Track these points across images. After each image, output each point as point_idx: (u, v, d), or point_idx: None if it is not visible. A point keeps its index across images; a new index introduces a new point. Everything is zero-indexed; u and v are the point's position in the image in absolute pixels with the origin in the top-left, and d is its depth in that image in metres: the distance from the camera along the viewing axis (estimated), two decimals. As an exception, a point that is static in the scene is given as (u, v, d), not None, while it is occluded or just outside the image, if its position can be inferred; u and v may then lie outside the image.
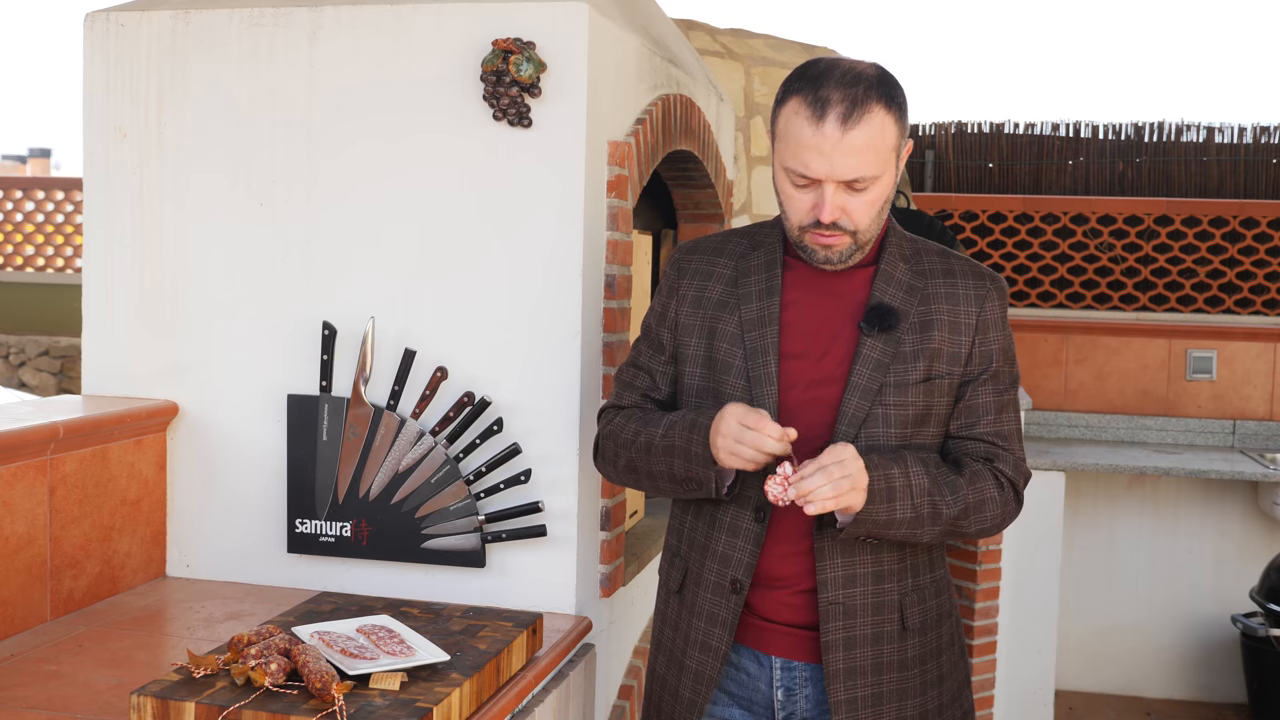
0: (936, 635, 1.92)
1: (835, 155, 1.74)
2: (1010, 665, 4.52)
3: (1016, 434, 1.92)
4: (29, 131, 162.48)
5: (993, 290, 1.90)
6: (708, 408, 1.86)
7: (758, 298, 1.90)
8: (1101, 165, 6.42)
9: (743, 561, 1.88)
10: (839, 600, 1.84)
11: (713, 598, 1.92)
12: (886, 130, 1.76)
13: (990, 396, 1.89)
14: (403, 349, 2.32)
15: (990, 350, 1.89)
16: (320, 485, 2.34)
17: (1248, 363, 5.42)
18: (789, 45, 4.95)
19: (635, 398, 2.02)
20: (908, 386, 1.84)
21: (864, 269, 1.90)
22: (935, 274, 1.90)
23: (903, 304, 1.86)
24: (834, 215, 1.78)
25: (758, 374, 1.87)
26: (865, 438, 1.83)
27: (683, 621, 1.97)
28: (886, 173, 1.79)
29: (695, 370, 1.95)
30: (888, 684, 1.87)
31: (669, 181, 3.24)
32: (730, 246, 1.98)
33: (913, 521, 1.79)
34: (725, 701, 1.96)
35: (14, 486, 2.08)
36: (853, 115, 1.73)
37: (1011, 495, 1.90)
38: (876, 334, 1.84)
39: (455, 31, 2.29)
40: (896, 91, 1.78)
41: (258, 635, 1.77)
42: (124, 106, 2.45)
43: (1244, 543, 5.27)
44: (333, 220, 2.36)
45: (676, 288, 1.99)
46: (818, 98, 1.74)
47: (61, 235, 9.81)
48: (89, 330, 2.50)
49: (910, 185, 5.59)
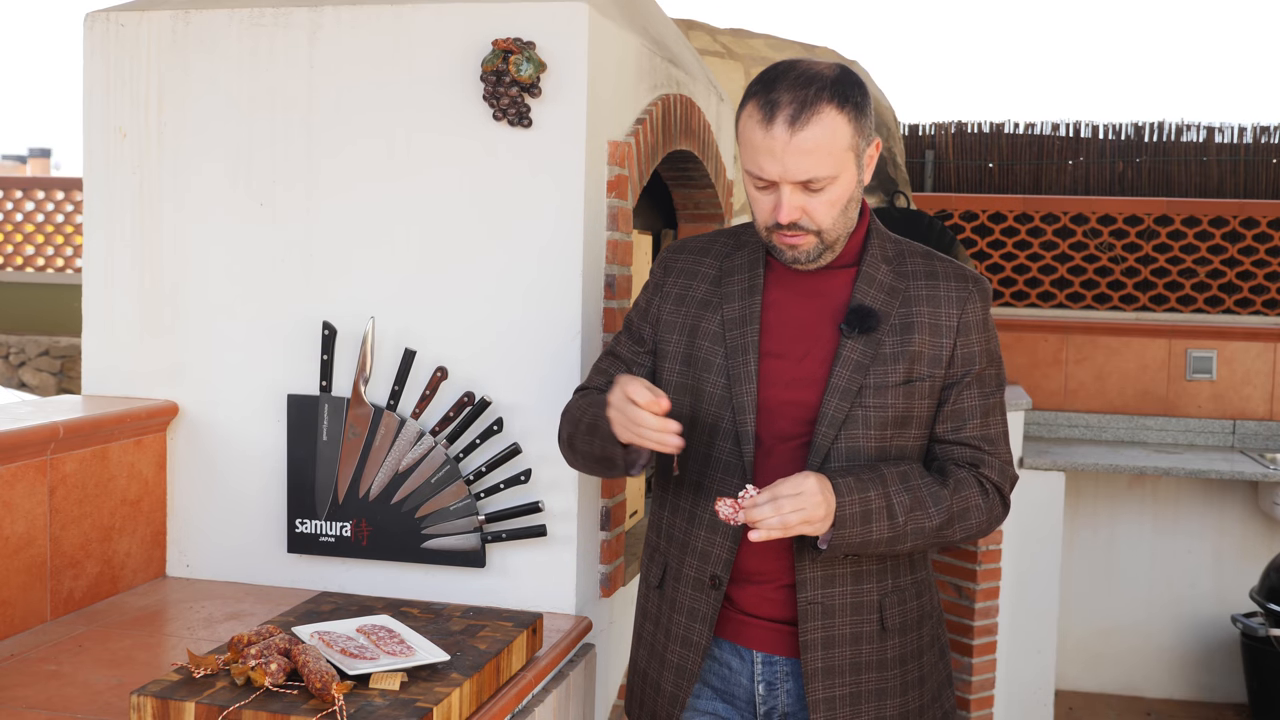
0: (917, 636, 1.93)
1: (786, 157, 1.75)
2: (1010, 665, 4.52)
3: (1003, 437, 1.92)
4: (29, 131, 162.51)
5: (975, 292, 1.90)
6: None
7: (740, 297, 1.92)
8: (1101, 165, 6.43)
9: (721, 557, 1.90)
10: (818, 600, 1.85)
11: (693, 593, 1.93)
12: (838, 131, 1.76)
13: (976, 400, 1.89)
14: (403, 349, 2.32)
15: (972, 353, 1.89)
16: (320, 485, 2.34)
17: (1248, 363, 5.42)
18: (789, 45, 4.95)
19: (603, 382, 2.03)
20: (887, 389, 1.84)
21: (846, 270, 1.90)
22: (918, 275, 1.90)
23: (884, 306, 1.87)
24: (792, 216, 1.79)
25: (737, 372, 1.87)
26: (844, 439, 1.83)
27: (663, 616, 1.98)
28: (844, 173, 1.79)
29: (675, 367, 1.96)
30: (866, 684, 1.87)
31: (669, 181, 3.24)
32: (716, 246, 2.00)
33: (891, 540, 1.79)
34: (708, 695, 1.97)
35: (14, 486, 2.08)
36: (801, 117, 1.74)
37: (997, 500, 1.90)
38: (857, 335, 1.85)
39: (455, 31, 2.29)
40: (852, 92, 1.78)
41: (258, 635, 1.77)
42: (124, 106, 2.45)
43: (1244, 543, 5.28)
44: (333, 220, 2.36)
45: (662, 285, 2.01)
46: (768, 100, 1.76)
47: (61, 235, 9.81)
48: (89, 330, 2.50)
49: (910, 185, 5.59)
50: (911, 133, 6.59)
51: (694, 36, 4.74)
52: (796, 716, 1.92)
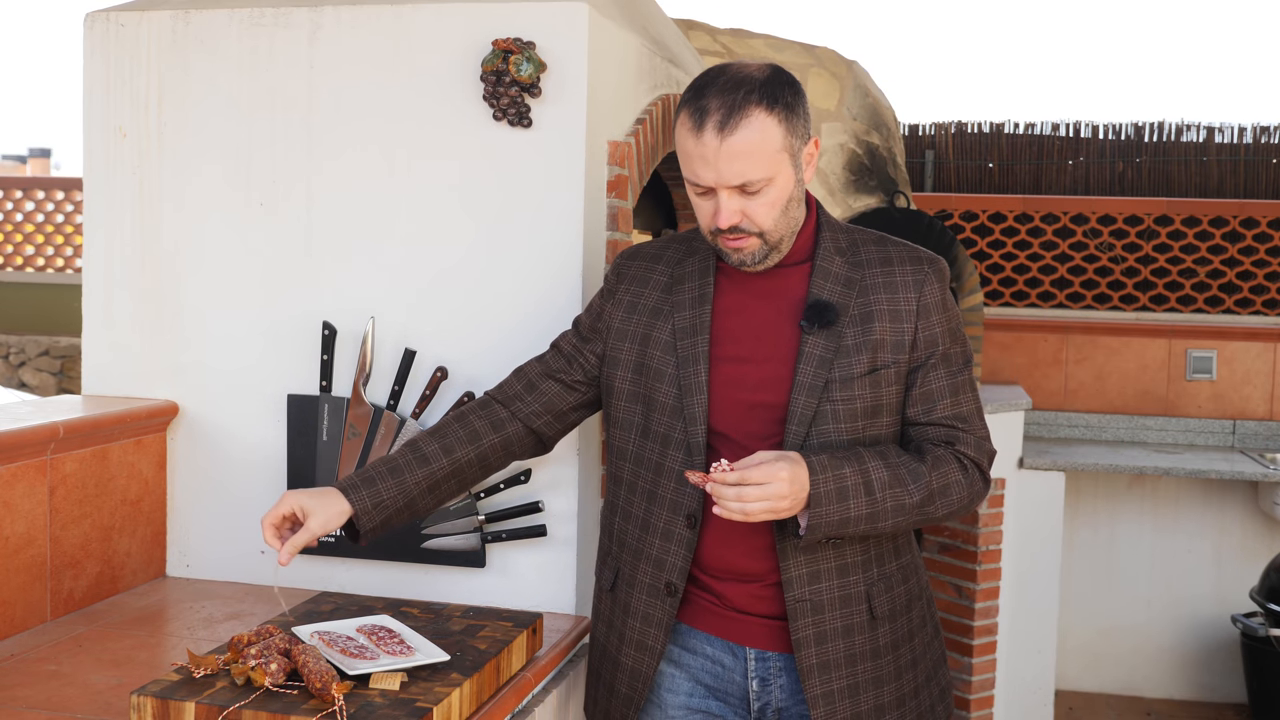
0: (907, 620, 1.94)
1: (719, 162, 1.76)
2: (1010, 665, 4.52)
3: (977, 413, 1.93)
4: (29, 131, 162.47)
5: (930, 273, 1.90)
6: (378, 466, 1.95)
7: (690, 305, 1.92)
8: (1101, 165, 6.43)
9: (676, 565, 1.90)
10: (806, 597, 1.86)
11: (647, 599, 1.94)
12: (768, 132, 1.76)
13: (944, 380, 1.89)
14: (403, 349, 2.32)
15: (934, 334, 1.89)
16: (320, 485, 2.34)
17: (1248, 363, 5.42)
18: (789, 45, 4.95)
19: (521, 387, 2.05)
20: (853, 380, 1.84)
21: (799, 266, 1.90)
22: (872, 264, 1.90)
23: (841, 298, 1.87)
24: (731, 220, 1.79)
25: (688, 383, 1.88)
26: (816, 435, 1.84)
27: (616, 619, 1.99)
28: (780, 174, 1.79)
29: (627, 375, 1.97)
30: (862, 673, 1.88)
31: (669, 181, 3.24)
32: (669, 253, 2.01)
33: (871, 517, 1.79)
34: (701, 694, 1.97)
35: (14, 486, 2.08)
36: (729, 122, 1.74)
37: (977, 475, 1.90)
38: (817, 331, 1.85)
39: (455, 31, 2.29)
40: (782, 92, 1.78)
41: (258, 635, 1.77)
42: (124, 106, 2.45)
43: (1244, 543, 5.28)
44: (333, 220, 2.36)
45: (614, 291, 2.02)
46: (698, 108, 1.77)
47: (61, 235, 9.81)
48: (89, 330, 2.50)
49: (910, 185, 5.59)
50: (911, 133, 6.59)
51: (694, 36, 4.74)
52: (790, 711, 1.93)
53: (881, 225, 4.22)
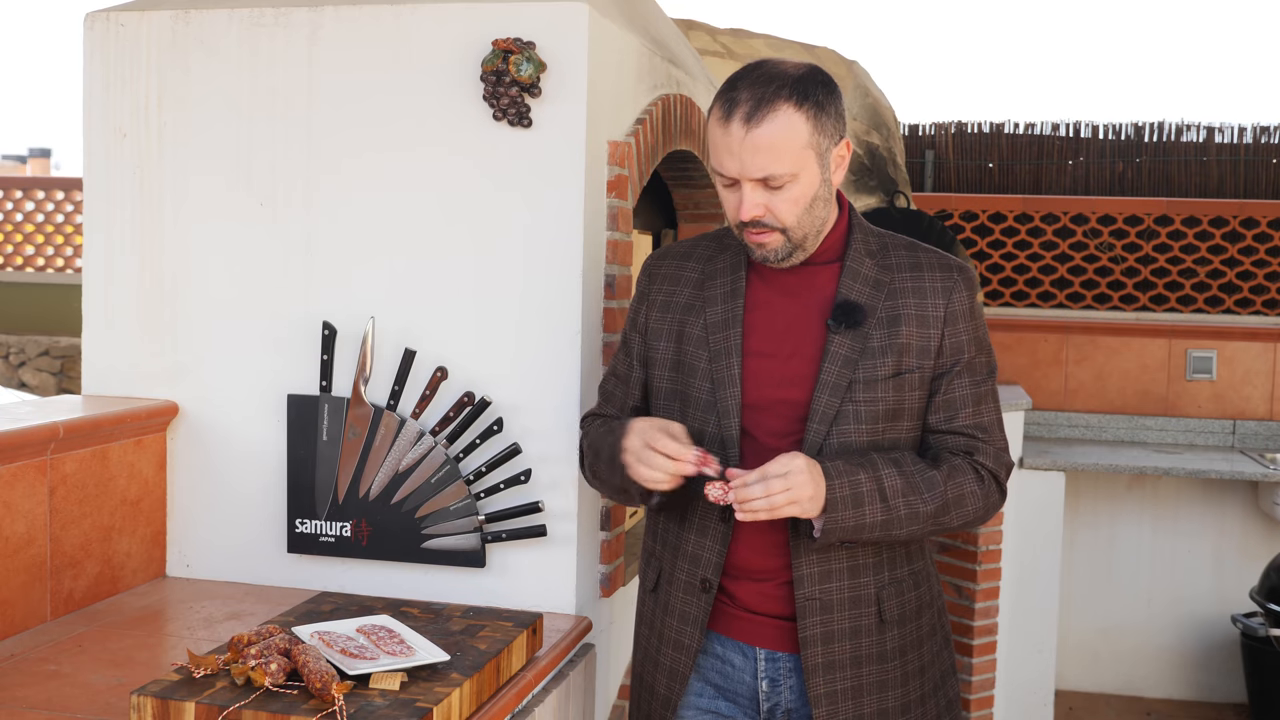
0: (916, 626, 1.94)
1: (743, 154, 1.77)
2: (1010, 665, 4.52)
3: (997, 424, 1.93)
4: (29, 131, 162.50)
5: (960, 281, 1.90)
6: (625, 421, 1.90)
7: (722, 300, 1.93)
8: (1101, 165, 6.43)
9: (711, 560, 1.91)
10: (815, 595, 1.86)
11: (684, 596, 1.95)
12: (795, 128, 1.77)
13: (967, 389, 1.90)
14: (403, 349, 2.32)
15: (960, 341, 1.89)
16: (320, 485, 2.34)
17: (1248, 363, 5.42)
18: (789, 45, 4.95)
19: (613, 410, 2.07)
20: (877, 382, 1.85)
21: (829, 265, 1.91)
22: (902, 268, 1.91)
23: (869, 299, 1.88)
24: (754, 212, 1.81)
25: (721, 376, 1.89)
26: (836, 435, 1.84)
27: (657, 620, 2.00)
28: (805, 171, 1.80)
29: (664, 374, 1.98)
30: (867, 676, 1.88)
31: (669, 181, 3.24)
32: (699, 250, 2.02)
33: (886, 524, 1.80)
34: (711, 694, 1.97)
35: (14, 486, 2.08)
36: (756, 114, 1.76)
37: (994, 487, 1.90)
38: (844, 331, 1.85)
39: (455, 31, 2.29)
40: (814, 90, 1.79)
41: (258, 635, 1.77)
42: (124, 106, 2.45)
43: (1244, 543, 5.27)
44: (333, 220, 2.36)
45: (647, 293, 2.04)
46: (729, 98, 1.79)
47: (61, 235, 9.81)
48: (89, 330, 2.50)
49: (910, 185, 5.59)
50: (911, 133, 6.59)
51: (694, 36, 4.74)
52: (800, 712, 1.92)
53: (881, 225, 4.20)
